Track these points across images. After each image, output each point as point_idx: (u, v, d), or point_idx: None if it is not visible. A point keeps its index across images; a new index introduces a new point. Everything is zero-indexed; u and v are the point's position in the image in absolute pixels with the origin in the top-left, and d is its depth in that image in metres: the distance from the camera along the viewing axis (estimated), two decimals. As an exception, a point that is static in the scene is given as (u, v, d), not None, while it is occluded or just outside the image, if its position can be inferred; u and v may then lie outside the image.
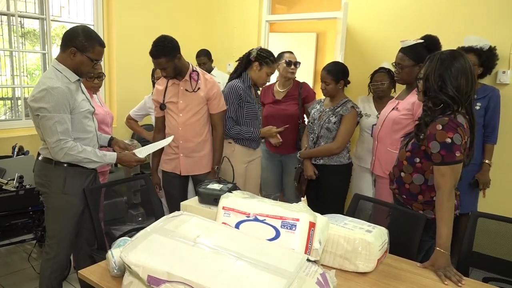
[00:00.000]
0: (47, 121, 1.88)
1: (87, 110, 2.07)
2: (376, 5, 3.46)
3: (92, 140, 2.11)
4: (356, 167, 2.93)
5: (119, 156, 2.12)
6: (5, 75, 3.82)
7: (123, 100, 3.95)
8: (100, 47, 2.01)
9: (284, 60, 2.98)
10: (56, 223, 2.08)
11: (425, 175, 1.74)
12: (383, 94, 2.90)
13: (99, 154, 2.03)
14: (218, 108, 2.54)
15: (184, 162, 2.55)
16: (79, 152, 1.96)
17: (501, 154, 2.87)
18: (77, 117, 1.99)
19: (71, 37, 1.96)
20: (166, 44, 2.33)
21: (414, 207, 1.81)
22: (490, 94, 2.64)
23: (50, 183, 2.03)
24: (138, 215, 2.92)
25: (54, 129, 1.89)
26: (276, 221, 1.35)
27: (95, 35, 2.01)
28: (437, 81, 1.64)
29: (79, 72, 2.01)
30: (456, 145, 1.59)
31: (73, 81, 1.99)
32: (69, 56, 1.96)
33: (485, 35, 2.77)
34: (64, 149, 1.92)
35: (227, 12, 4.51)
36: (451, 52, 1.68)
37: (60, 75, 1.95)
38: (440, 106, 1.67)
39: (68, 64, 1.97)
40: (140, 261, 1.17)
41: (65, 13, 4.12)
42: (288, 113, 3.00)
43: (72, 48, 1.94)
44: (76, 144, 1.95)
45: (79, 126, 2.01)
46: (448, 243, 1.57)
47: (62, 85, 1.91)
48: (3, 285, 2.65)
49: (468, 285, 1.47)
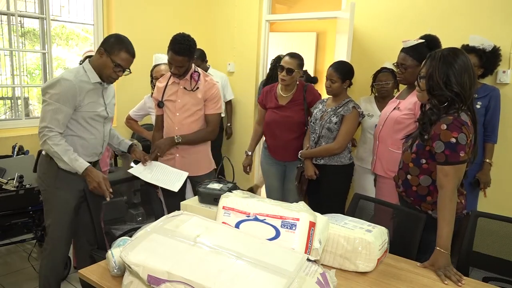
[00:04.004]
0: (46, 106, 1.94)
1: (95, 113, 2.08)
2: (377, 5, 3.46)
3: (94, 143, 2.13)
4: (359, 168, 2.92)
5: (89, 169, 2.02)
6: (5, 74, 3.82)
7: (122, 100, 3.94)
8: (126, 54, 2.03)
9: (279, 64, 2.82)
10: (51, 219, 2.10)
11: (432, 176, 1.72)
12: (387, 94, 2.89)
13: (72, 156, 1.99)
14: (214, 110, 2.52)
15: (180, 162, 2.55)
16: (55, 144, 1.95)
17: (502, 154, 2.87)
18: (82, 115, 2.02)
19: (105, 39, 2.06)
20: (192, 44, 2.36)
21: (423, 207, 1.79)
22: (491, 94, 2.64)
23: (45, 177, 2.08)
24: (138, 214, 2.91)
25: (48, 115, 1.93)
26: (276, 220, 1.35)
27: (127, 42, 2.06)
28: (442, 78, 1.63)
29: (101, 74, 2.05)
30: (461, 145, 1.58)
31: (93, 82, 2.03)
32: (97, 56, 2.03)
33: (486, 34, 2.76)
34: (45, 136, 1.94)
35: (227, 12, 4.51)
36: (451, 49, 1.68)
37: (82, 73, 2.02)
38: (446, 103, 1.66)
39: (95, 64, 2.04)
40: (140, 260, 1.17)
41: (65, 13, 4.12)
42: (294, 121, 2.82)
43: (101, 48, 2.02)
44: (58, 137, 1.95)
45: (83, 126, 2.05)
46: (448, 243, 1.57)
47: (75, 80, 1.96)
48: (3, 285, 2.65)
49: (468, 285, 1.47)
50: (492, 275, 1.78)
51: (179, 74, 2.41)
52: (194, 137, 2.50)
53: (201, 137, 2.54)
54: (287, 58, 2.76)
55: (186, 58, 2.34)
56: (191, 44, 2.34)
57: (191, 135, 2.49)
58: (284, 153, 2.88)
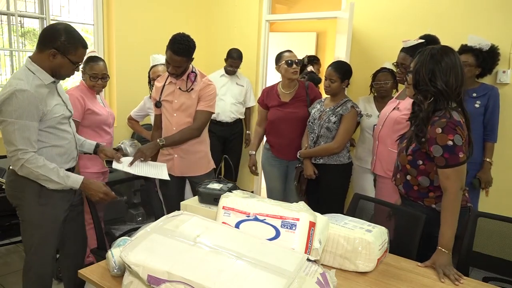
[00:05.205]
0: (7, 126, 1.69)
1: (61, 115, 1.85)
2: (376, 5, 3.46)
3: (69, 148, 1.91)
4: (357, 168, 2.92)
5: (85, 182, 1.86)
6: (5, 74, 3.82)
7: (123, 100, 3.95)
8: (83, 50, 1.82)
9: (284, 61, 2.83)
10: (34, 237, 1.87)
11: (429, 177, 1.72)
12: (386, 94, 2.90)
13: (62, 174, 1.79)
14: (203, 106, 2.46)
15: (179, 163, 2.54)
16: (38, 167, 1.73)
17: (502, 154, 2.87)
18: (50, 123, 1.79)
19: (52, 37, 1.75)
20: (191, 45, 2.34)
21: (426, 202, 1.78)
22: (490, 93, 2.65)
23: (24, 194, 1.82)
24: (138, 214, 2.92)
25: (14, 136, 1.68)
26: (276, 220, 1.35)
27: (78, 36, 1.81)
28: (427, 74, 1.65)
29: (58, 75, 1.83)
30: (458, 146, 1.59)
31: (47, 83, 1.78)
32: (48, 57, 1.76)
33: (485, 34, 2.76)
34: (21, 160, 1.70)
35: (227, 12, 4.51)
36: (442, 47, 1.70)
37: (31, 77, 1.74)
38: (431, 100, 1.68)
39: (45, 66, 1.78)
40: (140, 260, 1.17)
41: (65, 13, 4.12)
42: (299, 116, 2.83)
43: (52, 49, 1.75)
44: (36, 157, 1.73)
45: (54, 133, 1.82)
46: (450, 244, 1.58)
47: (32, 88, 1.70)
48: (3, 285, 2.65)
49: (468, 284, 1.47)
50: (492, 275, 1.78)
51: (176, 74, 2.40)
52: (178, 137, 2.43)
53: (186, 136, 2.45)
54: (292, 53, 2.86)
55: (184, 58, 2.33)
56: (190, 45, 2.33)
57: (175, 136, 2.43)
58: (288, 151, 2.88)
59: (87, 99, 2.49)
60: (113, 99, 4.00)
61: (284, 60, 2.83)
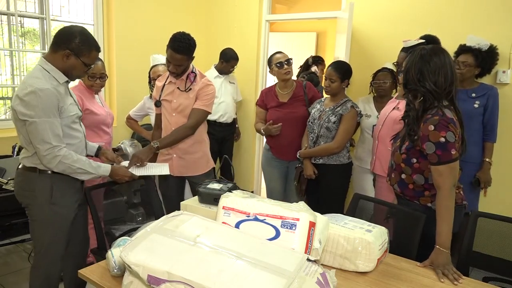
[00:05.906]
0: (37, 126, 1.72)
1: (76, 115, 1.92)
2: (376, 5, 3.46)
3: (80, 146, 1.96)
4: (357, 168, 2.92)
5: (113, 168, 1.98)
6: (5, 74, 3.82)
7: (123, 100, 3.95)
8: (96, 52, 1.89)
9: (274, 64, 2.84)
10: (44, 236, 1.91)
11: (424, 175, 1.73)
12: (385, 93, 2.90)
13: (94, 165, 1.89)
14: (198, 105, 2.44)
15: (177, 163, 2.54)
16: (74, 161, 1.81)
17: (502, 153, 2.87)
18: (65, 121, 1.84)
19: (67, 38, 1.81)
20: (191, 43, 2.33)
21: (422, 201, 1.79)
22: (489, 93, 2.64)
23: (35, 194, 1.86)
24: (138, 214, 2.92)
25: (46, 135, 1.73)
26: (276, 220, 1.35)
27: (92, 38, 1.88)
28: (416, 74, 1.68)
29: (69, 75, 1.88)
30: (450, 143, 1.60)
31: (61, 83, 1.84)
32: (62, 58, 1.81)
33: (485, 35, 2.77)
34: (58, 157, 1.76)
35: (227, 12, 4.51)
36: (432, 47, 1.71)
37: (47, 76, 1.79)
38: (420, 99, 1.70)
39: (59, 66, 1.82)
40: (140, 260, 1.17)
41: (65, 13, 4.12)
42: (298, 116, 2.84)
43: (67, 50, 1.80)
44: (70, 152, 1.81)
45: (67, 132, 1.86)
46: (448, 242, 1.58)
47: (51, 86, 1.75)
48: (3, 285, 2.65)
49: (468, 284, 1.47)
50: (492, 275, 1.78)
51: (177, 73, 2.40)
52: (172, 138, 2.41)
53: (180, 135, 2.43)
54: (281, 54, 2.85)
55: (185, 57, 2.32)
56: (190, 43, 2.33)
57: (169, 137, 2.42)
58: (288, 151, 2.88)
59: (86, 99, 2.49)
60: (113, 99, 4.00)
61: (274, 63, 2.85)
